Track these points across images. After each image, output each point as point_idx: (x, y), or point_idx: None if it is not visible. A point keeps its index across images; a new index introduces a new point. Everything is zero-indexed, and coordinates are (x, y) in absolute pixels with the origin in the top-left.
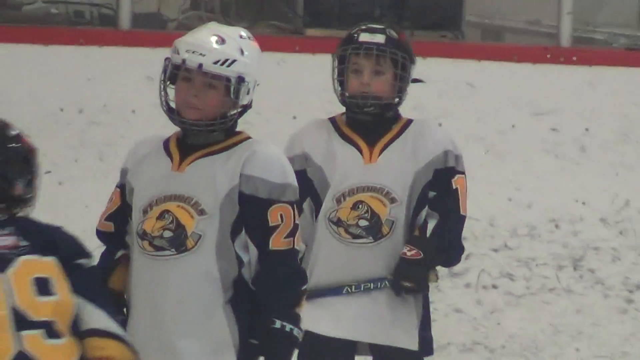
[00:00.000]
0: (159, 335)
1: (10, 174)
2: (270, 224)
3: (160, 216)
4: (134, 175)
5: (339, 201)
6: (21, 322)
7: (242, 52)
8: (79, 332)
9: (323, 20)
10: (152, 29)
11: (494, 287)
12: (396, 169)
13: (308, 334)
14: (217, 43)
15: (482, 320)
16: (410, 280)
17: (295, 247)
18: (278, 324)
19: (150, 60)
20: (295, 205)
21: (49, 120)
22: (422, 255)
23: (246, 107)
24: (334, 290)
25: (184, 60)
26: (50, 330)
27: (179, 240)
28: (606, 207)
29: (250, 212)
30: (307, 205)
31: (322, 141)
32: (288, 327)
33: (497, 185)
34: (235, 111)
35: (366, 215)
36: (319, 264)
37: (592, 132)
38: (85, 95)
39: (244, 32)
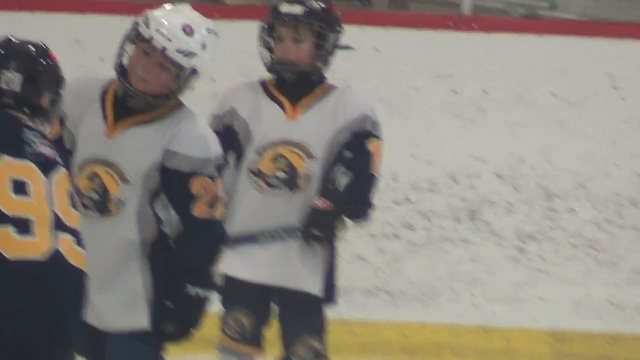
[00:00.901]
0: None
1: (41, 84)
2: (193, 193)
3: (90, 178)
4: (74, 125)
5: (260, 154)
6: (59, 224)
7: (203, 47)
8: None
9: None
10: None
11: (396, 236)
12: (315, 127)
13: (227, 278)
14: (185, 33)
15: (384, 268)
16: (319, 229)
17: (216, 216)
18: (192, 291)
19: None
20: (216, 179)
21: None
22: (332, 206)
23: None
24: (251, 238)
25: (151, 37)
26: (77, 239)
27: (103, 204)
28: (501, 164)
29: (172, 183)
30: (231, 156)
31: (250, 99)
32: (202, 293)
33: (400, 143)
34: (173, 96)
35: (284, 167)
36: (238, 213)
37: (490, 94)
38: None
39: (211, 26)
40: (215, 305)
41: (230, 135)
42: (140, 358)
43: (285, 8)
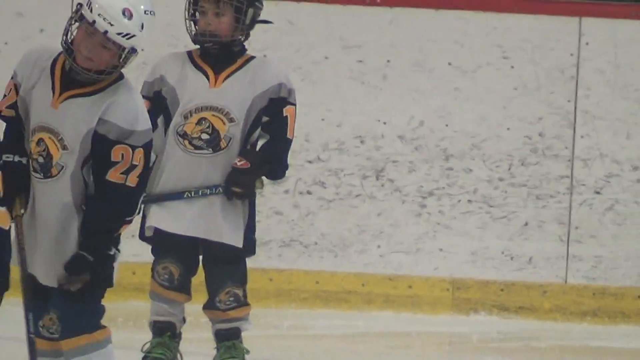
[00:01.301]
0: (34, 247)
1: None
2: (112, 160)
3: (37, 143)
4: (27, 93)
5: (186, 117)
6: None
7: (142, 27)
8: None
9: None
10: None
11: (309, 193)
12: (236, 93)
13: (157, 231)
14: (124, 16)
15: (298, 221)
16: (239, 187)
17: (128, 183)
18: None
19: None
20: (136, 149)
21: None
22: (250, 166)
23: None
24: (177, 194)
25: (94, 21)
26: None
27: (46, 168)
28: (404, 126)
29: (99, 148)
30: (160, 120)
31: (177, 67)
32: (107, 252)
33: (312, 107)
34: (115, 71)
35: (208, 130)
36: (165, 171)
37: (392, 63)
38: None
39: (148, 6)
40: (147, 256)
41: (159, 100)
42: (82, 308)
43: None
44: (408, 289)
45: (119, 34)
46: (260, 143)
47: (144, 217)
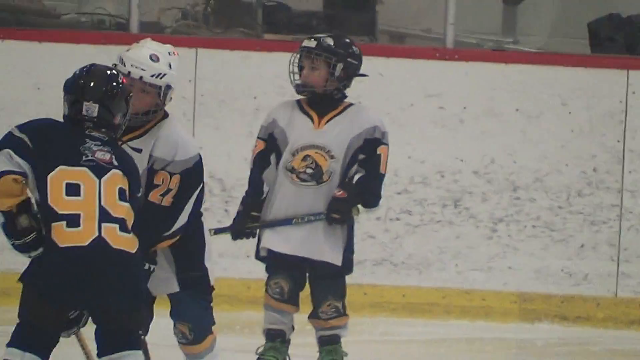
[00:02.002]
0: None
1: (114, 107)
2: (154, 183)
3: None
4: None
5: (293, 154)
6: (103, 216)
7: (170, 66)
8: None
9: (276, 28)
10: (154, 33)
11: (397, 219)
12: (336, 134)
13: (270, 251)
14: (153, 61)
15: (388, 243)
16: (338, 214)
17: (164, 203)
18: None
19: None
20: (174, 175)
21: None
22: (348, 196)
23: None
24: (286, 221)
25: (129, 72)
26: (123, 226)
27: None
28: (477, 163)
29: (149, 177)
30: (273, 157)
31: (287, 113)
32: (145, 267)
33: (399, 147)
34: (160, 108)
35: (312, 165)
36: (277, 201)
37: (468, 109)
38: None
39: (170, 49)
40: (259, 273)
41: (272, 141)
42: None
43: (305, 43)
44: (481, 301)
45: (152, 75)
46: (357, 177)
47: (259, 240)
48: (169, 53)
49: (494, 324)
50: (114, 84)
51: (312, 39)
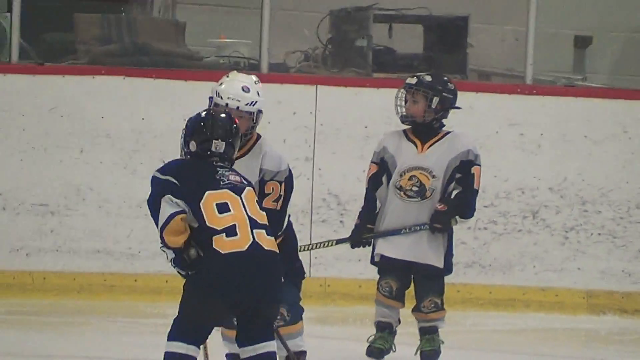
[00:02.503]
0: None
1: (235, 143)
2: (265, 192)
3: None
4: None
5: (401, 175)
6: (253, 224)
7: (258, 94)
8: None
9: (384, 68)
10: (281, 73)
11: (485, 228)
12: (437, 157)
13: (382, 256)
14: (245, 91)
15: (477, 249)
16: (440, 224)
17: (277, 208)
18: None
19: (280, 92)
20: (282, 183)
21: None
22: (448, 209)
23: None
24: (396, 231)
25: (227, 104)
26: (267, 230)
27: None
28: (552, 181)
29: (261, 187)
30: (384, 178)
31: (395, 140)
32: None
33: (486, 168)
34: (254, 130)
35: (417, 184)
36: (388, 215)
37: (544, 136)
38: None
39: (255, 79)
40: (369, 274)
41: (384, 164)
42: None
43: (408, 80)
44: (555, 297)
45: (246, 104)
46: (454, 192)
47: (373, 248)
48: (255, 82)
49: (566, 317)
50: (234, 125)
51: (414, 77)
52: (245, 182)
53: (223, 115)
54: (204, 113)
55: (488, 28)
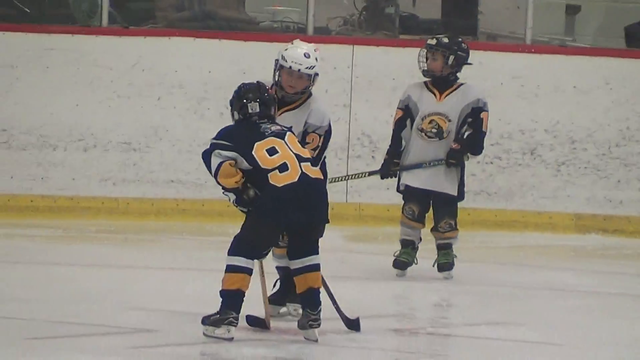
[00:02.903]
0: None
1: (268, 102)
2: (306, 142)
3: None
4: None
5: (422, 119)
6: (299, 159)
7: (316, 59)
8: None
9: (409, 30)
10: (323, 35)
11: (491, 163)
12: (453, 104)
13: (406, 186)
14: (306, 57)
15: (485, 180)
16: (454, 159)
17: (314, 156)
18: None
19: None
20: (321, 136)
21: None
22: (461, 147)
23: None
24: (418, 165)
25: (290, 66)
26: (312, 162)
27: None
28: (547, 124)
29: (303, 137)
30: (408, 122)
31: (418, 91)
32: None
33: (493, 113)
34: (309, 89)
35: (436, 127)
36: (411, 152)
37: (541, 87)
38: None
39: (314, 47)
40: (395, 200)
41: (408, 110)
42: None
43: (428, 41)
44: (549, 219)
45: (307, 67)
46: (467, 134)
47: (399, 179)
48: (314, 50)
49: (558, 235)
50: (262, 87)
51: (434, 39)
52: (285, 128)
53: (250, 83)
54: (236, 88)
55: None
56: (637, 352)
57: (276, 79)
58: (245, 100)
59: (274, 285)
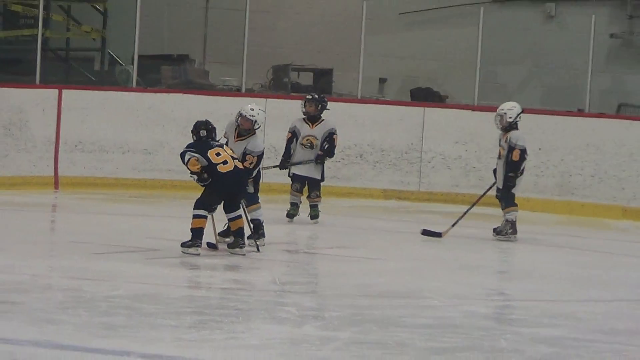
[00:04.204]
0: None
1: (211, 131)
2: (246, 159)
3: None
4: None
5: (302, 138)
6: (233, 158)
7: (257, 114)
8: None
9: (297, 90)
10: (248, 93)
11: (338, 161)
12: (318, 131)
13: (294, 174)
14: (251, 109)
15: (335, 171)
16: (319, 160)
17: (250, 168)
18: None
19: None
20: (255, 156)
21: None
22: (323, 153)
23: None
24: (300, 162)
25: (241, 113)
26: (239, 160)
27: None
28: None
29: (244, 157)
30: (294, 140)
31: (299, 122)
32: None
33: (342, 135)
34: (253, 128)
35: (309, 142)
36: (296, 156)
37: None
38: None
39: (260, 107)
40: (284, 180)
41: (295, 133)
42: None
43: (307, 97)
44: (370, 193)
45: (250, 115)
46: (326, 146)
47: (289, 170)
48: (259, 109)
49: (374, 200)
50: (208, 123)
51: (310, 95)
52: (220, 144)
53: (201, 120)
54: (194, 123)
55: None
56: (433, 264)
57: (237, 120)
58: (198, 129)
59: (224, 226)
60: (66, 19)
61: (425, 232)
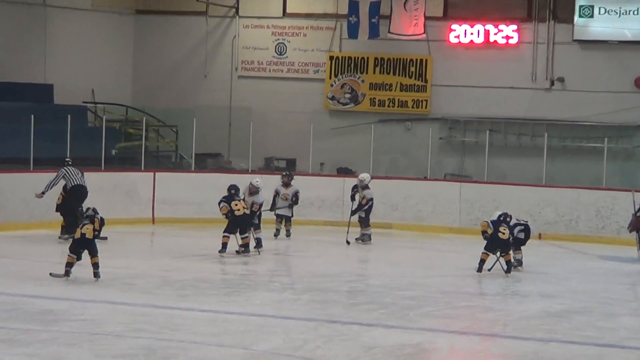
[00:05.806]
0: None
1: (237, 191)
2: (252, 208)
3: None
4: None
5: (281, 195)
6: (244, 207)
7: (260, 184)
8: None
9: (280, 170)
10: (254, 170)
11: (303, 205)
12: (290, 192)
13: (277, 213)
14: (256, 181)
15: (302, 210)
16: (291, 205)
17: (254, 210)
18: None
19: None
20: (257, 205)
21: None
22: (291, 202)
23: None
24: (281, 207)
25: (251, 182)
26: (251, 212)
27: None
28: None
29: (252, 204)
30: (277, 197)
31: (278, 187)
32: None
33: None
34: (258, 191)
35: (285, 197)
36: (277, 204)
37: None
38: None
39: (261, 181)
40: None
41: (277, 193)
42: None
43: (284, 173)
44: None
45: (256, 185)
46: (294, 199)
47: (275, 210)
48: (261, 182)
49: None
50: (235, 187)
51: (285, 172)
52: (240, 198)
53: (232, 185)
54: (229, 185)
55: None
56: (350, 259)
57: (249, 186)
58: (229, 189)
59: (242, 241)
60: (157, 135)
61: (348, 243)
